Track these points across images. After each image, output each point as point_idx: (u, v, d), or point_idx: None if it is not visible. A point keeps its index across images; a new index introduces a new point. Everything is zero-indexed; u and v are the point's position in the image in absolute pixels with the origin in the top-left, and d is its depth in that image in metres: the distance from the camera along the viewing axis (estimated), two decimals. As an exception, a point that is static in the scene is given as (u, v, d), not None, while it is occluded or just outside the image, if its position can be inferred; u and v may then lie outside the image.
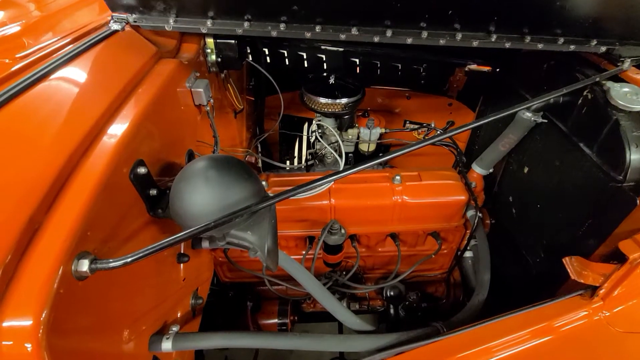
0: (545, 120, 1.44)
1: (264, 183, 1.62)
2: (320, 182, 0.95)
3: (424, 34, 1.19)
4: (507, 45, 1.24)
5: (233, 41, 1.40)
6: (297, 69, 2.32)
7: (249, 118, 2.41)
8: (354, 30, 1.18)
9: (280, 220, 1.66)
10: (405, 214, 1.64)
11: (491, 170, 1.76)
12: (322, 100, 1.67)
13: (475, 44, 1.23)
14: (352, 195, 1.61)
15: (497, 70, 1.95)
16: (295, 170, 2.17)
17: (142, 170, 0.84)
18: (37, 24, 1.30)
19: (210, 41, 1.38)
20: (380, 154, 2.16)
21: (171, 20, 1.15)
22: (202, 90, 1.22)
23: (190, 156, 1.20)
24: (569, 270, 1.04)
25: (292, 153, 2.65)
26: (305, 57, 2.29)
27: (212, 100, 1.33)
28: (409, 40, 1.22)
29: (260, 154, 2.73)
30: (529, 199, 1.66)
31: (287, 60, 2.33)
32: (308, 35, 1.20)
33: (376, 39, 1.21)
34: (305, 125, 2.48)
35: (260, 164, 2.67)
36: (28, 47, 1.00)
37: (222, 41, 1.39)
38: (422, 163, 2.55)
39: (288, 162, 2.66)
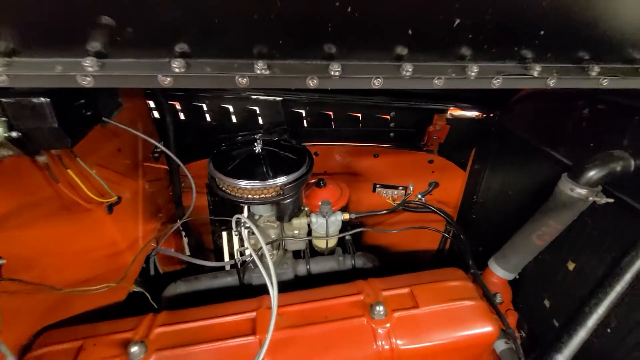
0: (612, 200, 0.86)
1: (136, 348, 0.86)
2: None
3: (407, 68, 0.59)
4: (552, 83, 0.67)
5: (43, 99, 0.72)
6: (223, 126, 1.70)
7: (156, 197, 1.68)
8: (261, 67, 0.55)
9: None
10: (400, 370, 0.94)
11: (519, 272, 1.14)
12: (243, 184, 1.00)
13: (497, 83, 0.65)
14: (303, 351, 0.90)
15: (492, 115, 1.43)
16: (221, 278, 1.42)
17: None
18: None
19: (-17, 101, 0.69)
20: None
21: None
22: None
23: None
24: None
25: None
26: (232, 110, 1.68)
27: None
28: (377, 83, 0.61)
29: (186, 239, 1.98)
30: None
31: (207, 115, 1.70)
32: (167, 82, 0.55)
33: (312, 83, 0.59)
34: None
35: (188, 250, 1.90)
36: None
37: (15, 100, 0.71)
38: (400, 237, 1.92)
39: (227, 253, 1.89)
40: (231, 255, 1.61)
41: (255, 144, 1.10)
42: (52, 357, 0.88)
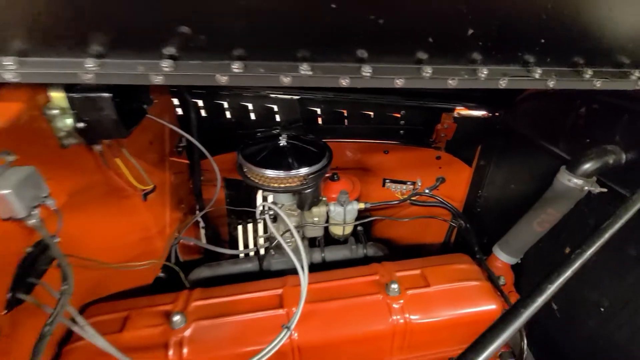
0: (606, 190, 0.96)
1: (178, 317, 0.97)
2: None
3: (426, 70, 0.69)
4: (551, 84, 0.77)
5: (106, 94, 0.83)
6: (242, 123, 1.79)
7: (179, 189, 1.79)
8: (305, 68, 0.65)
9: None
10: (411, 342, 1.04)
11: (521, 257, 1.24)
12: (270, 173, 1.11)
13: (503, 83, 0.75)
14: (325, 322, 1.00)
15: (497, 114, 1.53)
16: (241, 263, 1.53)
17: None
18: None
19: (58, 95, 0.79)
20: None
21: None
22: (7, 192, 0.60)
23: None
24: None
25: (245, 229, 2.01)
26: (251, 108, 1.78)
27: (50, 202, 0.72)
28: (399, 82, 0.72)
29: (203, 229, 2.09)
30: (579, 295, 1.15)
31: (228, 112, 1.80)
32: (223, 80, 0.65)
33: (344, 82, 0.69)
34: (259, 195, 1.89)
35: (205, 241, 2.01)
36: None
37: (83, 95, 0.81)
38: (408, 230, 2.02)
39: (241, 244, 2.00)
40: (245, 246, 1.72)
41: (280, 137, 1.20)
42: (103, 324, 0.99)
